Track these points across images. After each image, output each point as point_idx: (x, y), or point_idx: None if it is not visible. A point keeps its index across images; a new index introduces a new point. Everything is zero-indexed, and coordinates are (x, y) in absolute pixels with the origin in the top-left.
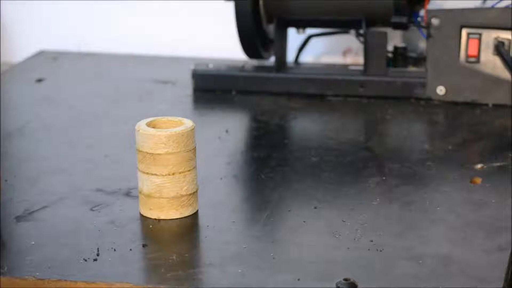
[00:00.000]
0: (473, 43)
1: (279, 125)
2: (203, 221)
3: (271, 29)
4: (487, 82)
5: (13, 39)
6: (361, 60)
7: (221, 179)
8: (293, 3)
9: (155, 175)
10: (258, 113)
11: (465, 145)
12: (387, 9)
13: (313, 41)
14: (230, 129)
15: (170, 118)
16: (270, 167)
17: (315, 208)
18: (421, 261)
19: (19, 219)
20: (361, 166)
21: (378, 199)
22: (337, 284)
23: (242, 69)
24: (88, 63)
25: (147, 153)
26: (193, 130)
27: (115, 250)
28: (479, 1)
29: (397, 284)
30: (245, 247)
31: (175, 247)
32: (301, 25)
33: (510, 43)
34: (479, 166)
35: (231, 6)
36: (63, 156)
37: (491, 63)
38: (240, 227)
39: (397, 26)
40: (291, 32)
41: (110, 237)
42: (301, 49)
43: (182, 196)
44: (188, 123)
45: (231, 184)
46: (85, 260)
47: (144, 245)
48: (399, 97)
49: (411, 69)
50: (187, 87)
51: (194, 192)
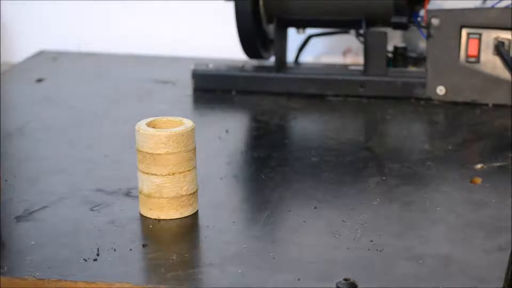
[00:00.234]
0: (473, 43)
1: (279, 125)
2: (203, 221)
3: (271, 29)
4: (487, 82)
5: (13, 39)
6: (361, 60)
7: (221, 179)
8: (293, 3)
9: (155, 175)
10: (258, 113)
11: (465, 145)
12: (387, 9)
13: (313, 41)
14: (230, 129)
15: (170, 118)
16: (270, 167)
17: (315, 208)
18: (421, 261)
19: (19, 219)
20: (361, 166)
21: (378, 199)
22: (337, 284)
23: (242, 69)
24: (88, 63)
25: (147, 153)
26: (193, 130)
27: (115, 250)
28: (479, 1)
29: (397, 284)
30: (245, 247)
31: (175, 247)
32: (301, 25)
33: (510, 43)
34: (479, 166)
35: (231, 6)
36: (63, 156)
37: (491, 63)
38: (240, 227)
39: (397, 26)
40: (291, 32)
41: (110, 237)
42: (301, 49)
43: (182, 196)
44: (188, 123)
45: (231, 184)
46: (85, 260)
47: (144, 245)
48: (399, 97)
49: (411, 69)
50: (187, 87)
51: (194, 192)
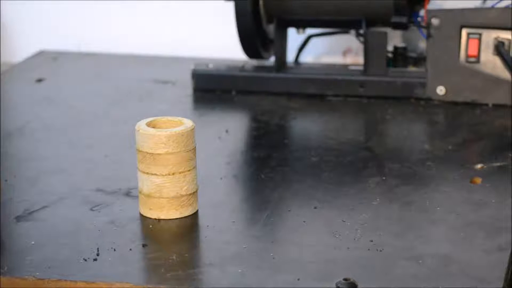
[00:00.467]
0: (473, 43)
1: (279, 125)
2: (203, 221)
3: (271, 29)
4: (487, 82)
5: (13, 39)
6: (361, 60)
7: (221, 179)
8: (293, 3)
9: (155, 175)
10: (258, 113)
11: (465, 145)
12: (387, 9)
13: (313, 41)
14: (230, 129)
15: (170, 118)
16: (270, 167)
17: (315, 208)
18: (421, 261)
19: (19, 219)
20: (361, 166)
21: (378, 199)
22: (337, 284)
23: (242, 69)
24: (88, 63)
25: (147, 153)
26: (193, 130)
27: (115, 250)
28: (479, 1)
29: (397, 284)
30: (245, 247)
31: (175, 247)
32: (301, 25)
33: (510, 43)
34: (479, 166)
35: (231, 6)
36: (63, 156)
37: (491, 63)
38: (240, 227)
39: (397, 26)
40: (291, 32)
41: (110, 237)
42: (301, 49)
43: (182, 196)
44: (188, 123)
45: (231, 184)
46: (85, 260)
47: (144, 245)
48: (399, 97)
49: (411, 69)
50: (187, 87)
51: (194, 192)
